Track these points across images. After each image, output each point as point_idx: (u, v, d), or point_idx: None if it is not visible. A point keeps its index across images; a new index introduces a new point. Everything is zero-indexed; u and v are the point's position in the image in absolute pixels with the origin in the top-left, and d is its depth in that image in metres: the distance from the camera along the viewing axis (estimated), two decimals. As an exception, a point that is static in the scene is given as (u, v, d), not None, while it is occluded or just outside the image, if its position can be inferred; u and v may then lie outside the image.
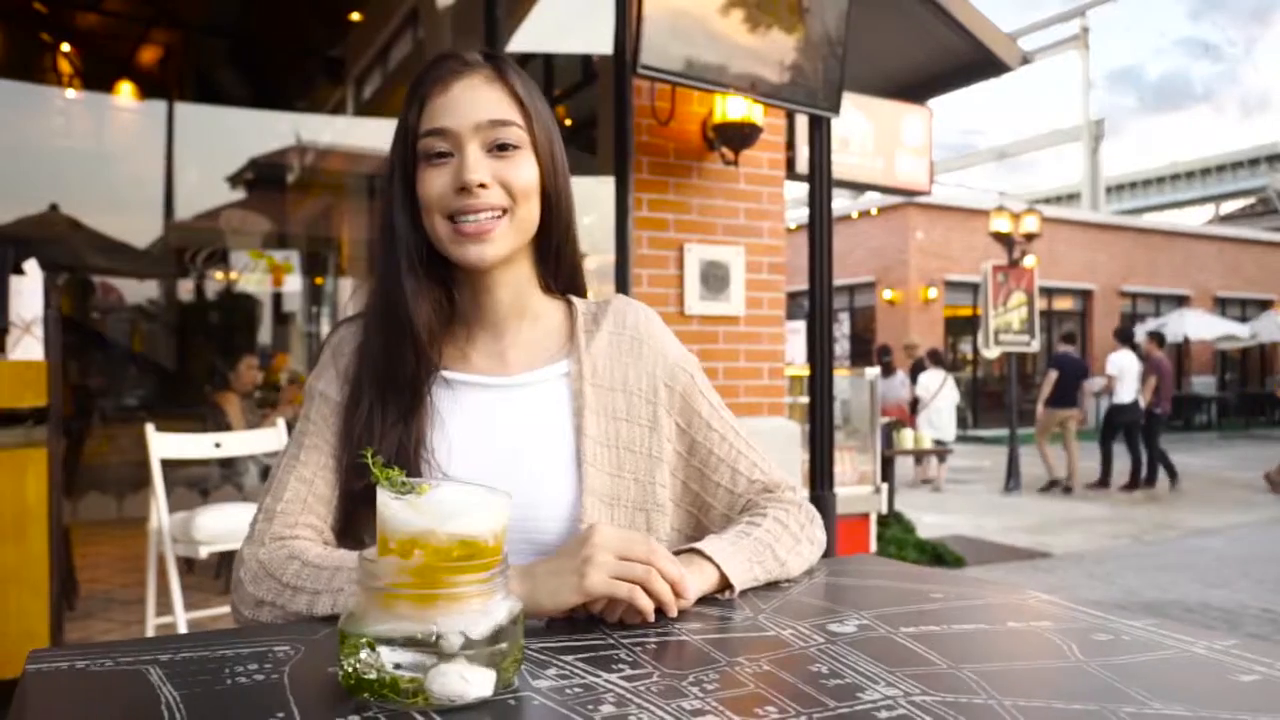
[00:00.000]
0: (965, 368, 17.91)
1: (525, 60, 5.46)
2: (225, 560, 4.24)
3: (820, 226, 4.04)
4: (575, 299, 1.13)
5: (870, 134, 5.38)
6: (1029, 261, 9.65)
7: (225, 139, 9.21)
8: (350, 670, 0.62)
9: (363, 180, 9.87)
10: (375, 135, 9.30)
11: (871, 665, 0.71)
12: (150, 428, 3.00)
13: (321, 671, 0.70)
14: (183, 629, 2.87)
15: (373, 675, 0.61)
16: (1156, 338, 10.54)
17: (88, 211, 7.93)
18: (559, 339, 1.09)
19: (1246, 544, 6.85)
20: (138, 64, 7.98)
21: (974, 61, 5.49)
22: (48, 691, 0.65)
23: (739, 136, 4.11)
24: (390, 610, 0.62)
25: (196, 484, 4.60)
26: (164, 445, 3.01)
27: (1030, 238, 9.71)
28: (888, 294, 16.70)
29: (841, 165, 5.15)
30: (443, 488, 0.66)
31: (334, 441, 1.02)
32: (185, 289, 9.90)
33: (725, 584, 0.91)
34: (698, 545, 0.93)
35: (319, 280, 11.13)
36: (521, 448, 1.02)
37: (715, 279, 4.32)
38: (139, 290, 9.64)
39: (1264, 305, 21.60)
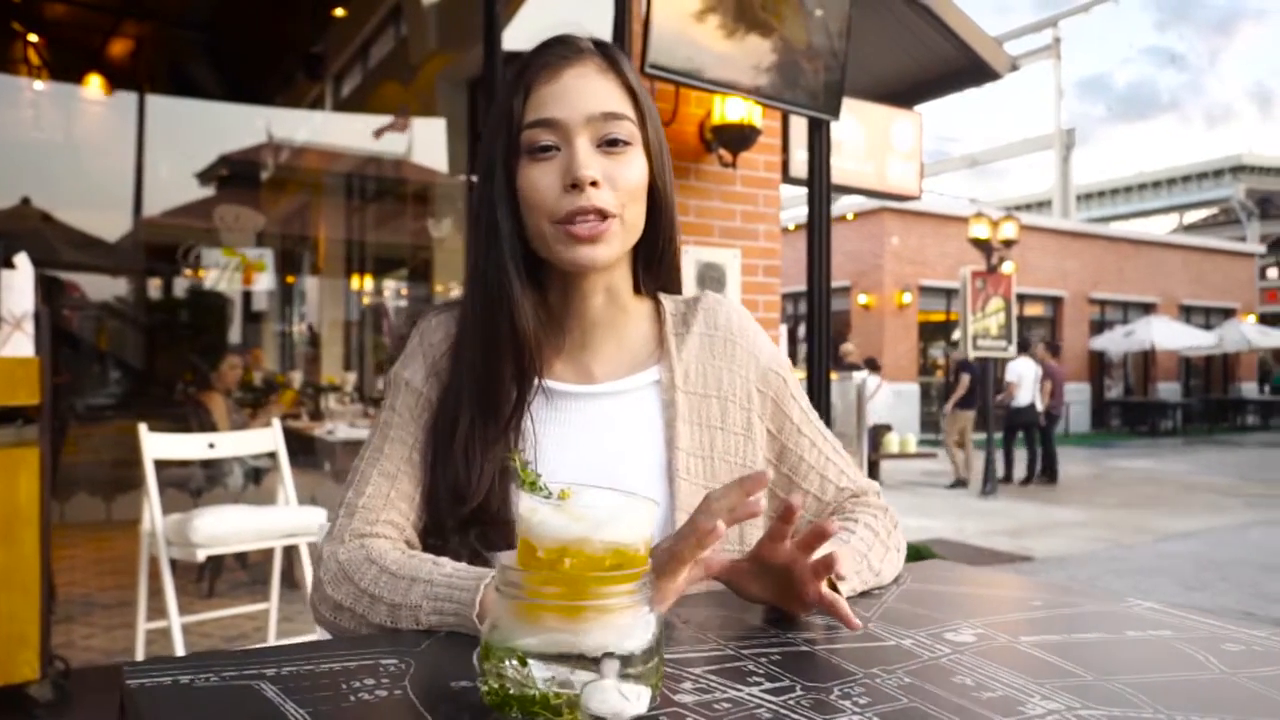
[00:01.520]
0: (936, 372, 18.07)
1: (510, 59, 5.41)
2: (212, 563, 4.14)
3: (819, 230, 4.04)
4: (664, 297, 1.07)
5: (862, 138, 5.39)
6: (1007, 268, 9.75)
7: (198, 133, 9.05)
8: (496, 686, 0.59)
9: (340, 179, 9.76)
10: (354, 133, 9.20)
11: (1014, 677, 0.69)
12: (143, 428, 2.92)
13: (444, 686, 0.66)
14: (178, 635, 2.79)
15: (523, 691, 0.58)
16: (1051, 347, 11.60)
17: (58, 205, 7.76)
18: (648, 343, 1.04)
19: (1221, 547, 6.96)
20: (108, 56, 7.81)
21: (964, 68, 5.53)
22: (164, 709, 0.61)
23: (738, 138, 4.10)
24: (536, 622, 0.59)
25: (178, 485, 4.49)
26: (157, 446, 2.93)
27: (1008, 244, 9.81)
28: (863, 299, 16.80)
29: (834, 169, 5.15)
30: (589, 493, 0.62)
31: (419, 435, 0.97)
32: (155, 286, 9.72)
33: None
34: None
35: (290, 279, 10.98)
36: (611, 460, 0.97)
37: (712, 281, 4.30)
38: (108, 287, 9.45)
39: (1227, 313, 22.04)
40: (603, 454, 0.97)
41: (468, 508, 0.92)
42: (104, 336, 9.30)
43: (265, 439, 3.21)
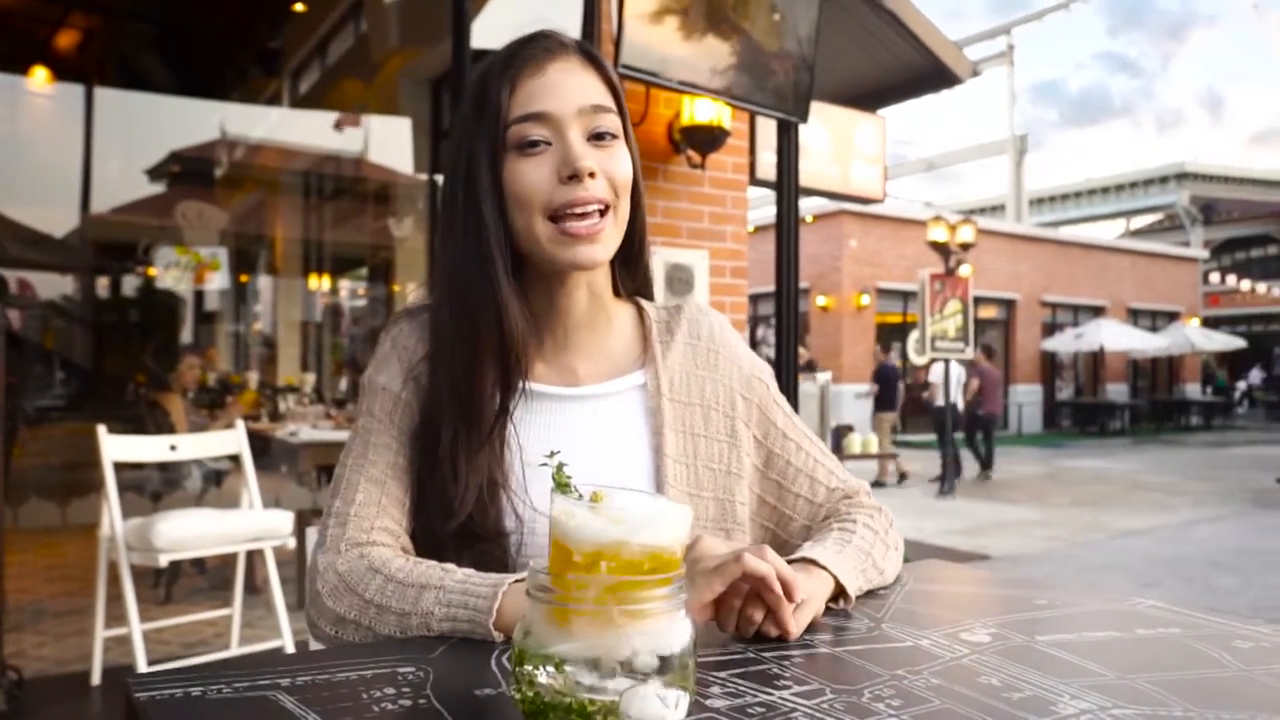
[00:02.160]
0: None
1: (478, 57, 5.36)
2: (169, 568, 4.04)
3: (787, 232, 4.06)
4: (645, 303, 1.06)
5: (827, 141, 5.43)
6: (965, 270, 9.89)
7: (148, 128, 8.85)
8: (531, 694, 0.57)
9: (298, 177, 9.60)
10: (312, 130, 9.05)
11: (1040, 677, 0.69)
12: (102, 430, 2.83)
13: (468, 694, 0.65)
14: (139, 642, 2.72)
15: (558, 698, 0.56)
16: (986, 350, 12.04)
17: (1, 200, 7.52)
18: (632, 348, 1.03)
19: (1170, 544, 7.12)
20: (54, 47, 7.59)
21: (927, 73, 5.59)
22: (180, 723, 0.58)
23: (707, 139, 4.10)
24: (570, 628, 0.57)
25: (135, 488, 4.38)
26: (117, 448, 2.85)
27: (966, 247, 9.96)
28: (821, 300, 16.94)
29: (800, 171, 5.18)
30: (623, 495, 0.61)
31: (402, 440, 0.95)
32: (103, 285, 9.49)
33: (839, 593, 0.88)
34: (809, 554, 0.89)
35: (244, 278, 10.79)
36: (596, 464, 0.94)
37: (679, 282, 4.30)
38: (55, 285, 9.20)
39: (1172, 316, 22.63)
40: (587, 457, 0.94)
41: (455, 521, 0.90)
42: (50, 336, 9.05)
43: (228, 441, 3.13)
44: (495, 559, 0.90)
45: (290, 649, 2.94)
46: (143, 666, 2.69)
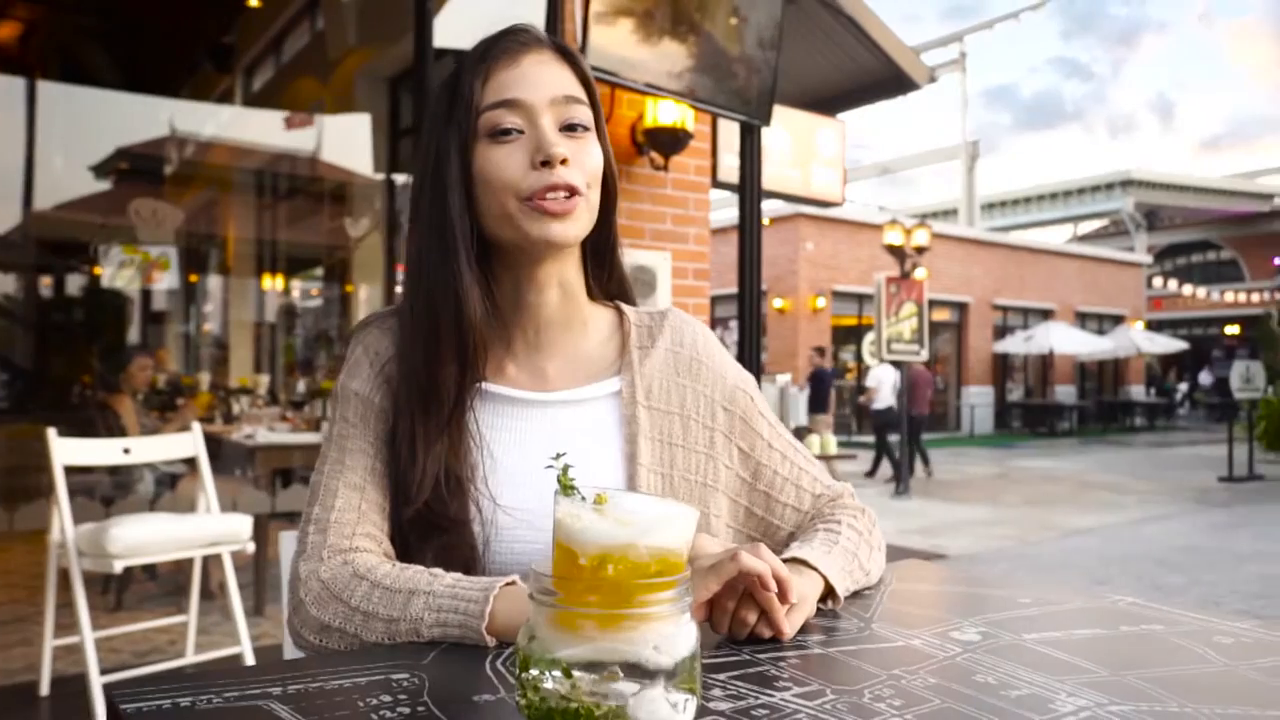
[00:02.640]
0: (846, 375, 18.48)
1: (440, 55, 5.32)
2: (124, 573, 3.94)
3: (750, 234, 4.08)
4: (626, 308, 1.05)
5: (788, 145, 5.47)
6: (920, 273, 10.03)
7: (94, 124, 8.62)
8: (537, 699, 0.56)
9: (250, 175, 9.42)
10: (265, 129, 8.89)
11: (1033, 674, 0.69)
12: (52, 433, 2.75)
13: (467, 700, 0.64)
14: (91, 651, 2.64)
15: (565, 703, 0.55)
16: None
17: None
18: (608, 353, 1.01)
19: (1119, 542, 7.29)
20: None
21: (886, 78, 5.66)
22: (172, 735, 0.56)
23: (670, 141, 4.11)
24: (576, 631, 0.56)
25: (85, 493, 4.26)
26: (68, 452, 2.77)
27: (921, 250, 10.10)
28: (778, 303, 17.07)
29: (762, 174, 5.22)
30: (627, 498, 0.60)
31: (378, 445, 0.94)
32: (46, 284, 9.23)
33: (827, 593, 0.88)
34: (798, 554, 0.89)
35: (193, 278, 10.57)
36: (569, 471, 0.94)
37: (642, 284, 4.30)
38: (-3, 284, 8.94)
39: (1118, 320, 23.19)
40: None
41: (412, 507, 0.90)
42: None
43: (184, 444, 3.06)
44: (460, 554, 0.89)
45: (249, 656, 2.88)
46: (95, 676, 2.62)
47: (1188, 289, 27.98)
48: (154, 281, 9.68)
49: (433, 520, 0.90)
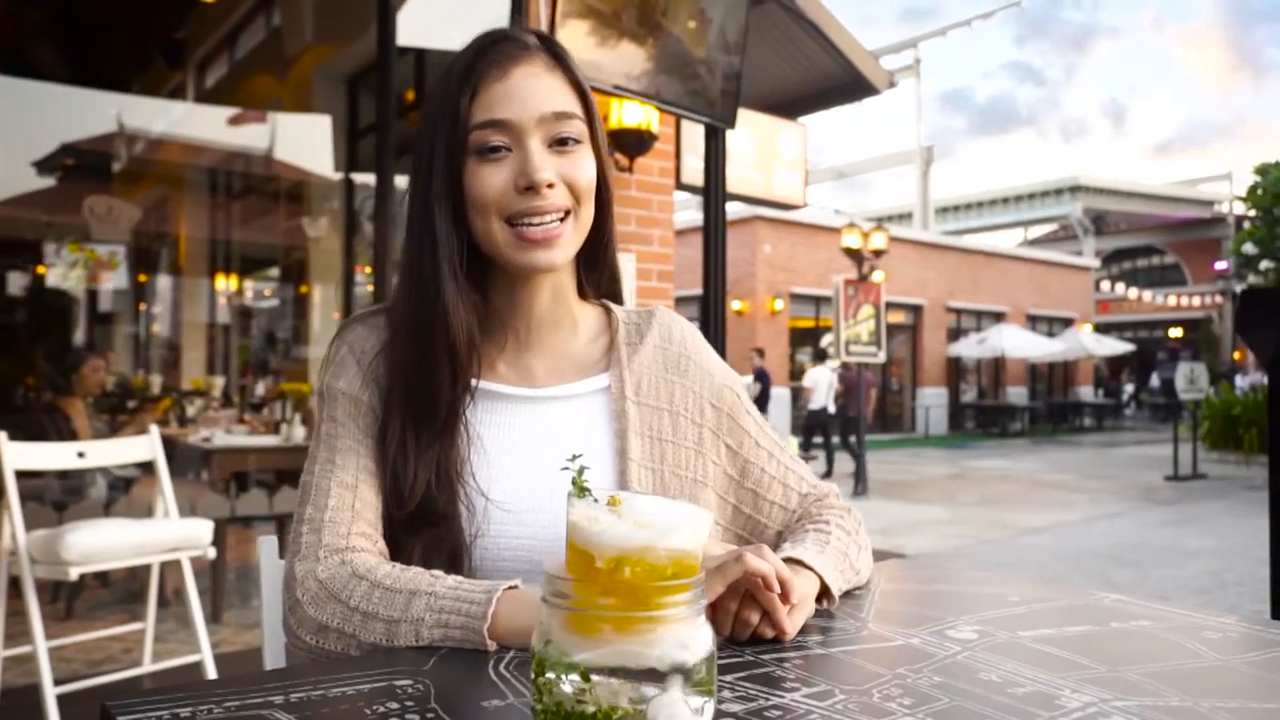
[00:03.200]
0: (803, 376, 18.64)
1: (400, 53, 5.26)
2: (81, 579, 3.83)
3: (715, 236, 4.10)
4: (614, 306, 1.05)
5: (751, 147, 5.50)
6: (877, 276, 10.15)
7: (37, 118, 8.38)
8: (553, 705, 0.55)
9: (203, 174, 9.24)
10: (219, 126, 8.72)
11: (1036, 672, 0.70)
12: (2, 436, 2.67)
13: (476, 705, 0.63)
14: (44, 661, 2.56)
15: (581, 708, 0.55)
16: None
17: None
18: (597, 350, 1.02)
19: (1072, 540, 7.44)
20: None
21: (847, 83, 5.72)
22: (177, 747, 0.55)
23: (635, 143, 4.11)
24: (592, 635, 0.56)
25: (33, 498, 4.14)
26: (19, 456, 2.69)
27: (878, 254, 10.22)
28: (736, 305, 17.15)
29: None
30: (640, 499, 0.60)
31: (368, 443, 0.93)
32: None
33: (822, 593, 0.88)
34: (794, 554, 0.89)
35: (142, 278, 10.33)
36: (557, 467, 0.93)
37: (607, 285, 4.30)
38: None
39: (1067, 323, 23.68)
40: (548, 460, 0.93)
41: (404, 510, 0.90)
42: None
43: (141, 447, 2.99)
44: (448, 547, 0.89)
45: (210, 664, 2.82)
46: (49, 687, 2.54)
47: (1133, 293, 28.69)
48: (101, 282, 9.45)
49: (421, 515, 0.89)
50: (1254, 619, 0.86)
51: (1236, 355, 27.62)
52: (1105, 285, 29.23)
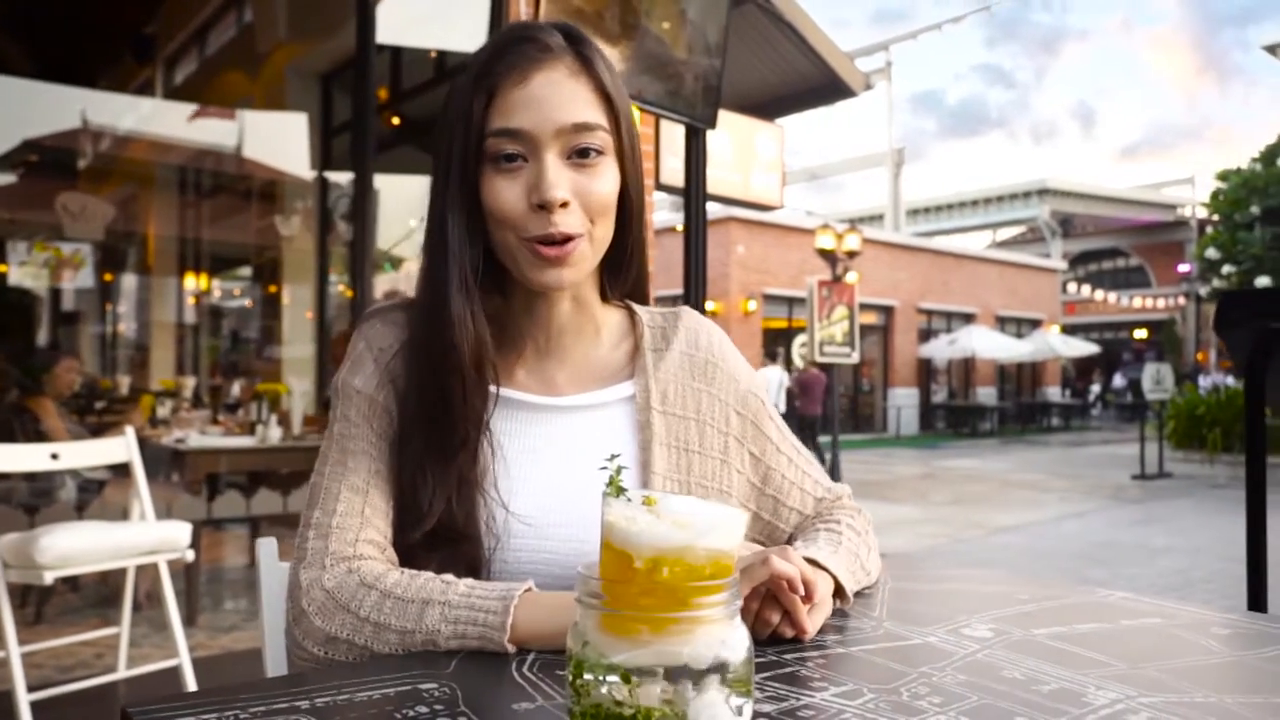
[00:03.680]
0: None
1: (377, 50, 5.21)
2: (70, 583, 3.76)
3: (695, 236, 4.10)
4: (638, 309, 1.02)
5: (729, 148, 5.51)
6: (851, 277, 10.21)
7: (3, 114, 8.22)
8: (591, 708, 0.55)
9: (173, 171, 9.11)
10: (187, 124, 8.59)
11: (1058, 669, 0.71)
12: (-26, 438, 2.61)
13: (506, 709, 0.62)
14: (18, 667, 2.51)
15: (619, 710, 0.54)
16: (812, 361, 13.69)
17: None
18: (620, 357, 0.99)
19: (1044, 539, 7.54)
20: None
21: (823, 85, 5.75)
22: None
23: (616, 143, 4.10)
24: (629, 636, 0.55)
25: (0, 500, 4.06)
26: (-8, 457, 2.64)
27: (852, 255, 10.29)
28: (710, 305, 17.20)
29: (702, 177, 5.25)
30: (675, 500, 0.59)
31: (381, 446, 0.90)
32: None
33: (836, 593, 0.88)
34: (809, 554, 0.89)
35: (108, 276, 10.16)
36: (581, 479, 0.90)
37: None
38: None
39: (1035, 324, 23.99)
40: (571, 472, 0.91)
41: (421, 530, 0.87)
42: None
43: (116, 449, 2.94)
44: (466, 559, 0.87)
45: (189, 669, 2.77)
46: (23, 693, 2.49)
47: (1099, 294, 29.11)
48: (64, 280, 9.29)
49: (439, 531, 0.87)
50: (1259, 616, 0.87)
51: (1200, 356, 28.14)
52: (1072, 287, 29.64)
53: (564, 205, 0.85)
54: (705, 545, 0.56)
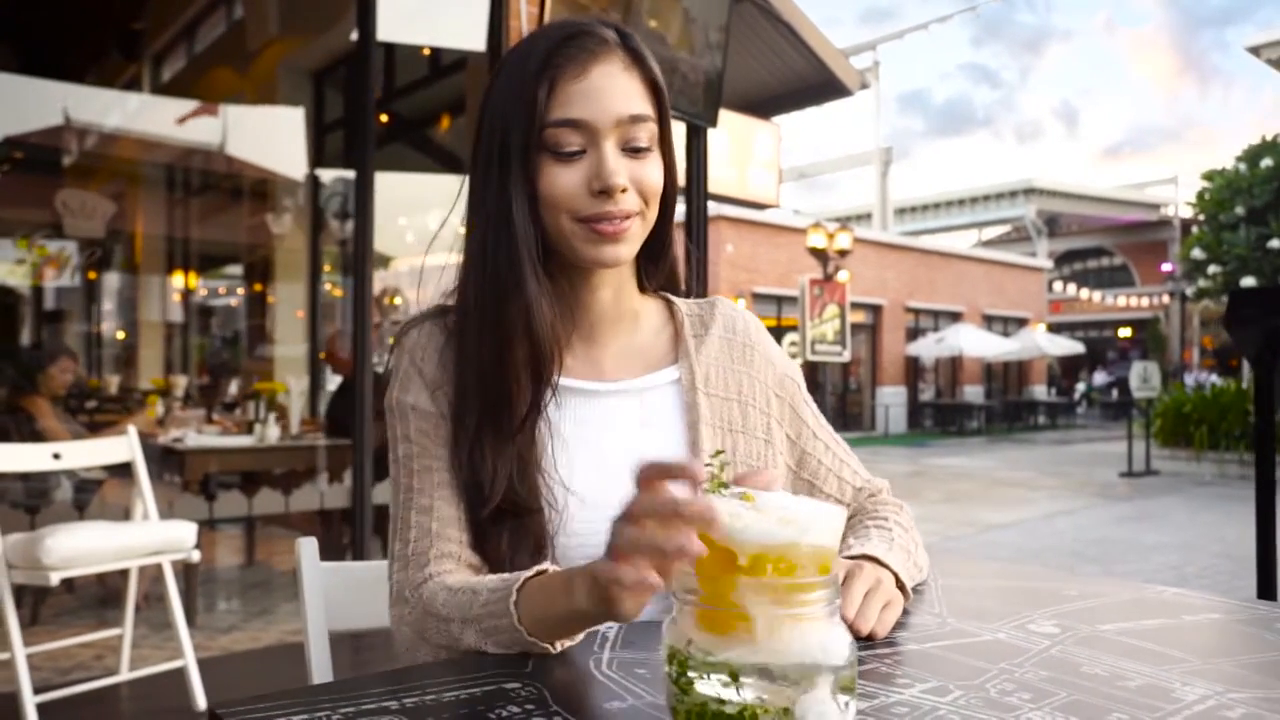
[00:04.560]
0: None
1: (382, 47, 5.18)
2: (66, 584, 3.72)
3: (696, 234, 4.10)
4: (675, 299, 1.05)
5: (726, 146, 5.52)
6: (842, 276, 10.24)
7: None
8: (695, 706, 0.54)
9: (161, 169, 9.03)
10: (176, 121, 8.52)
11: (1137, 665, 0.71)
12: (-24, 437, 2.58)
13: (600, 707, 0.62)
14: (23, 669, 2.49)
15: (720, 709, 0.54)
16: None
17: None
18: (662, 343, 1.02)
19: (1036, 536, 7.58)
20: None
21: (819, 83, 5.77)
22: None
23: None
24: (732, 633, 0.55)
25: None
26: (-6, 457, 2.61)
27: (843, 254, 10.31)
28: (700, 304, 17.22)
29: (700, 176, 5.25)
30: (772, 495, 0.59)
31: (443, 454, 0.91)
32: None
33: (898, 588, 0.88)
34: (869, 551, 0.89)
35: (92, 275, 10.08)
36: (630, 461, 0.92)
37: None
38: None
39: (1021, 322, 24.12)
40: (622, 454, 0.93)
41: (489, 507, 0.88)
42: None
43: (118, 448, 2.91)
44: (532, 534, 0.89)
45: (194, 671, 2.75)
46: (29, 695, 2.47)
47: (1085, 293, 29.30)
48: (46, 279, 9.21)
49: (505, 507, 0.89)
50: (1315, 610, 0.88)
51: (1184, 354, 28.38)
52: (1058, 286, 29.83)
53: (624, 191, 0.89)
54: (810, 542, 0.56)
